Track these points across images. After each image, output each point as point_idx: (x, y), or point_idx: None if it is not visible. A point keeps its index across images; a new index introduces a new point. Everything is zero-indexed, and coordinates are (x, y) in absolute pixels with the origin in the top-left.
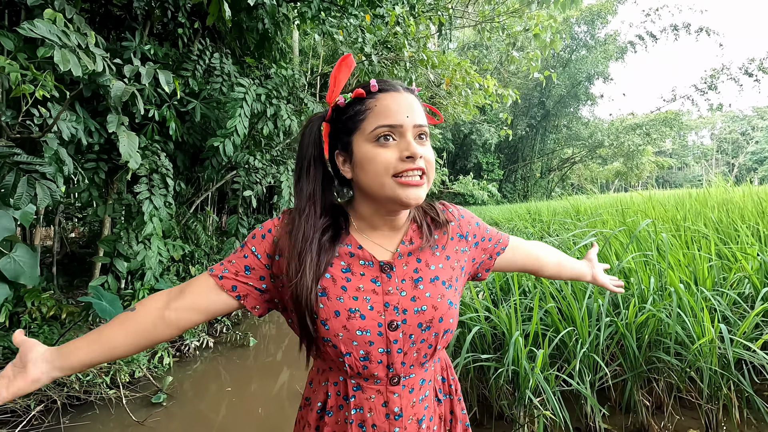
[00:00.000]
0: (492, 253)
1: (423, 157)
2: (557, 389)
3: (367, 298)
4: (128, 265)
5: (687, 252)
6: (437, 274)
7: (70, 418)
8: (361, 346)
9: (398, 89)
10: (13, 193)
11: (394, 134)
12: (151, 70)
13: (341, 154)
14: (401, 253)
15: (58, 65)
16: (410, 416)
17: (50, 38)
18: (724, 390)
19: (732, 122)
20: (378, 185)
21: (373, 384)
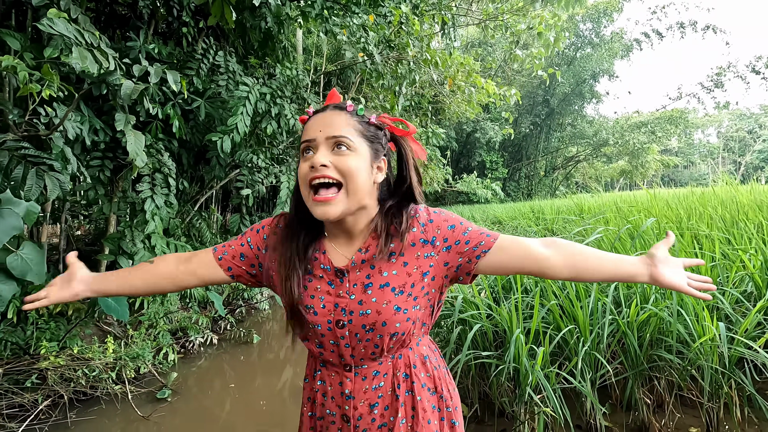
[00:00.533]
0: (470, 257)
1: (333, 165)
2: (558, 387)
3: (322, 297)
4: (132, 263)
5: (690, 251)
6: (388, 281)
7: (76, 412)
8: (315, 336)
9: (325, 111)
10: (22, 185)
11: (312, 148)
12: (160, 69)
13: None
14: (355, 261)
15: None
16: (362, 400)
17: (68, 35)
18: (725, 388)
19: (739, 120)
20: (304, 197)
21: (331, 366)
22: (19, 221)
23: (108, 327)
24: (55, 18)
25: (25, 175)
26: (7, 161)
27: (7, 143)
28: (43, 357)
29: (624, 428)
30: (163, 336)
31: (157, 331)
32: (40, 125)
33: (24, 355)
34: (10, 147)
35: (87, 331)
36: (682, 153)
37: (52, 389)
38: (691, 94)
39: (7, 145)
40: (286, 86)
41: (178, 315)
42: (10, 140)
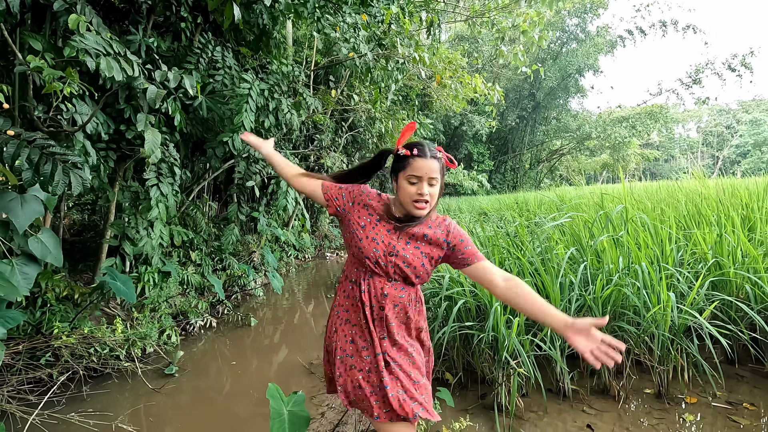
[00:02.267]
0: (460, 264)
1: (428, 194)
2: (532, 354)
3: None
4: (134, 249)
5: (652, 233)
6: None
7: (90, 387)
8: (374, 255)
9: (427, 156)
10: (51, 181)
11: (417, 181)
12: (178, 75)
13: (395, 176)
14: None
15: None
16: (391, 299)
17: (98, 49)
18: (673, 353)
19: (718, 115)
20: (404, 201)
21: (378, 276)
22: (40, 206)
23: (113, 311)
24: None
25: (53, 171)
26: (38, 158)
27: (37, 141)
28: (55, 336)
29: (588, 390)
30: (165, 318)
31: (159, 315)
32: (63, 121)
33: (37, 335)
34: (39, 144)
35: (96, 313)
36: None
37: (65, 366)
38: (671, 90)
39: (37, 143)
40: (282, 82)
41: (178, 300)
42: (39, 138)
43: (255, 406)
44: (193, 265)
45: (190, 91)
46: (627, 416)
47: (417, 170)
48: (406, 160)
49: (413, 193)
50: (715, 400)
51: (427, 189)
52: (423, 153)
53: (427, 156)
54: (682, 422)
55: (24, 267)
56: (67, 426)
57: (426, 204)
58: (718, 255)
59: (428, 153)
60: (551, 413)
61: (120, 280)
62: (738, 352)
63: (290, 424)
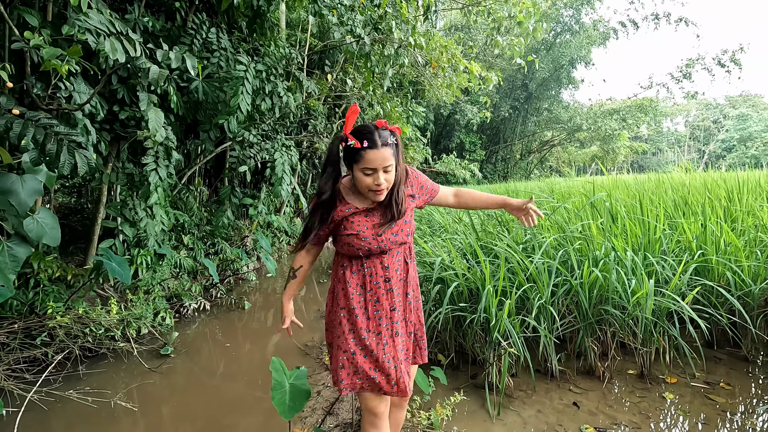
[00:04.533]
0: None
1: (385, 180)
2: (521, 335)
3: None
4: (133, 230)
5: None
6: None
7: (86, 366)
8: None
9: (378, 147)
10: (57, 161)
11: (372, 173)
12: (179, 55)
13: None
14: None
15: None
16: (393, 267)
17: (101, 29)
18: (655, 335)
19: (705, 110)
20: (362, 191)
21: (374, 255)
22: (40, 186)
23: (107, 292)
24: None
25: (59, 152)
26: (42, 138)
27: (41, 120)
28: (50, 316)
29: (575, 371)
30: (159, 301)
31: (153, 297)
32: (62, 99)
33: (31, 314)
34: (44, 124)
35: (91, 294)
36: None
37: (60, 346)
38: (661, 83)
39: (41, 122)
40: (278, 64)
41: (171, 283)
42: (44, 118)
43: (249, 387)
44: (185, 248)
45: (191, 71)
46: (611, 395)
47: (370, 162)
48: (357, 153)
49: (370, 184)
50: (694, 381)
51: (383, 178)
52: (373, 144)
53: (378, 146)
54: (662, 400)
55: (14, 249)
56: (65, 403)
57: (385, 190)
58: (701, 244)
59: (379, 142)
60: (539, 392)
61: (116, 261)
62: (717, 336)
63: (291, 396)
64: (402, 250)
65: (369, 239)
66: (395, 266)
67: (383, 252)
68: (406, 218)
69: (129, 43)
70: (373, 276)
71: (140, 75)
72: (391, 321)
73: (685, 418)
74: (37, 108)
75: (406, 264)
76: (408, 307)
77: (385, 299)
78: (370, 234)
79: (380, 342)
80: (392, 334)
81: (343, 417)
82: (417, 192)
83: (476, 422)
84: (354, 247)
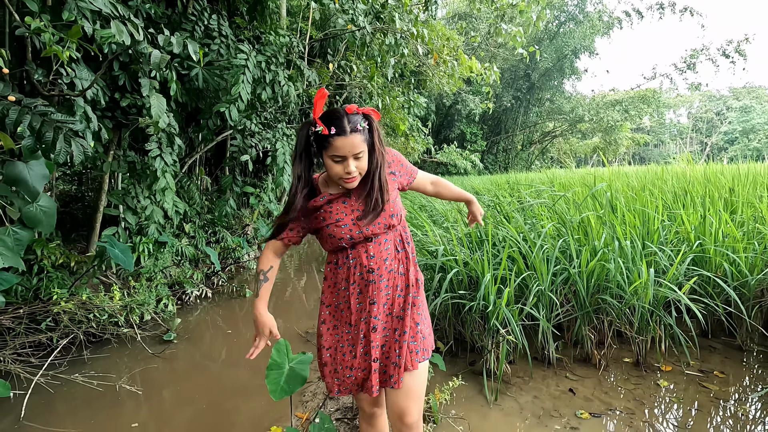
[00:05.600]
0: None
1: (356, 168)
2: (520, 323)
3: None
4: (135, 218)
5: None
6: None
7: (90, 351)
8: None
9: (346, 133)
10: (53, 149)
11: (341, 160)
12: (181, 40)
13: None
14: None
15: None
16: (378, 257)
17: (105, 10)
18: (651, 324)
19: (709, 101)
20: (334, 178)
21: (357, 244)
22: (46, 171)
23: (109, 279)
24: None
25: (55, 139)
26: (39, 125)
27: (38, 108)
28: (54, 302)
29: (572, 359)
30: (162, 288)
31: (155, 284)
32: (63, 85)
33: (35, 300)
34: (41, 112)
35: (94, 281)
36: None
37: (65, 331)
38: (665, 74)
39: (38, 109)
40: (279, 53)
41: (173, 270)
42: (41, 105)
43: (250, 373)
44: (186, 237)
45: (193, 57)
46: (606, 382)
47: (339, 150)
48: (325, 140)
49: (340, 171)
50: (688, 369)
51: (353, 165)
52: (342, 130)
53: (346, 133)
54: (656, 387)
55: (18, 233)
56: (71, 386)
57: (357, 177)
58: (700, 234)
59: (347, 128)
60: (536, 378)
61: (119, 248)
62: (713, 326)
63: (287, 378)
64: (391, 237)
65: (349, 225)
66: (382, 255)
67: (368, 239)
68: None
69: (133, 27)
70: (357, 267)
71: (141, 60)
72: (369, 315)
73: (678, 405)
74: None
75: (398, 252)
76: (396, 301)
77: (367, 291)
78: (349, 220)
79: (357, 337)
80: (369, 329)
81: (343, 401)
82: (397, 169)
83: (474, 407)
84: (335, 237)
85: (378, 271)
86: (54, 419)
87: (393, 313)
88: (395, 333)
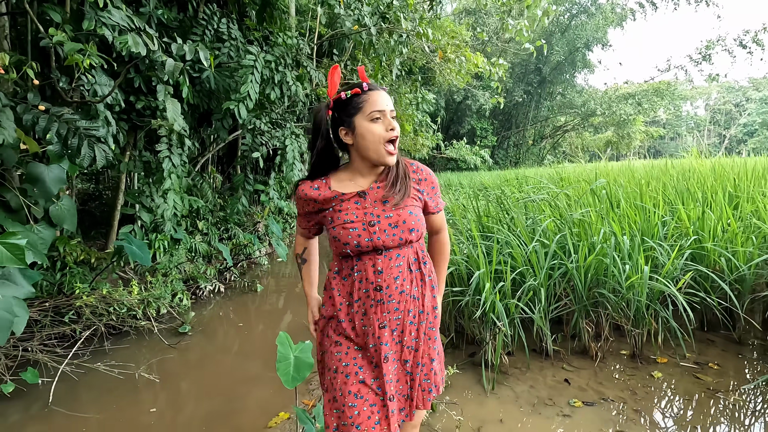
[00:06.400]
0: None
1: (396, 128)
2: (518, 317)
3: (355, 212)
4: (150, 216)
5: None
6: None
7: (111, 342)
8: (354, 237)
9: (379, 89)
10: (78, 154)
11: (381, 116)
12: (193, 48)
13: (344, 129)
14: (372, 187)
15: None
16: (389, 274)
17: (123, 24)
18: (647, 318)
19: (727, 93)
20: (373, 149)
21: (365, 255)
22: (63, 174)
23: (127, 274)
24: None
25: (80, 145)
26: (65, 132)
27: (65, 115)
28: (77, 296)
29: (569, 351)
30: (176, 283)
31: (171, 279)
32: (85, 92)
33: (59, 294)
34: (67, 119)
35: (114, 276)
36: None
37: (87, 323)
38: (679, 66)
39: (64, 117)
40: (287, 54)
41: (187, 266)
42: (67, 113)
43: (261, 364)
44: (200, 234)
45: (204, 63)
46: (602, 373)
47: (378, 104)
48: (358, 99)
49: (384, 131)
50: (684, 361)
51: (395, 122)
52: (374, 86)
53: (378, 88)
54: (650, 378)
55: (42, 232)
56: (94, 374)
57: (395, 146)
58: (699, 230)
59: (378, 86)
60: (533, 369)
61: (136, 245)
62: (712, 320)
63: (295, 367)
64: (405, 254)
65: (359, 230)
66: (393, 272)
67: (377, 251)
68: (410, 207)
69: (147, 38)
70: (362, 282)
71: (156, 68)
72: (378, 341)
73: (670, 395)
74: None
75: (410, 272)
76: (408, 329)
77: (373, 313)
78: (360, 224)
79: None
80: (381, 358)
81: None
82: (426, 189)
83: (471, 395)
84: (341, 241)
85: (387, 290)
86: (79, 405)
87: (404, 342)
88: (406, 365)
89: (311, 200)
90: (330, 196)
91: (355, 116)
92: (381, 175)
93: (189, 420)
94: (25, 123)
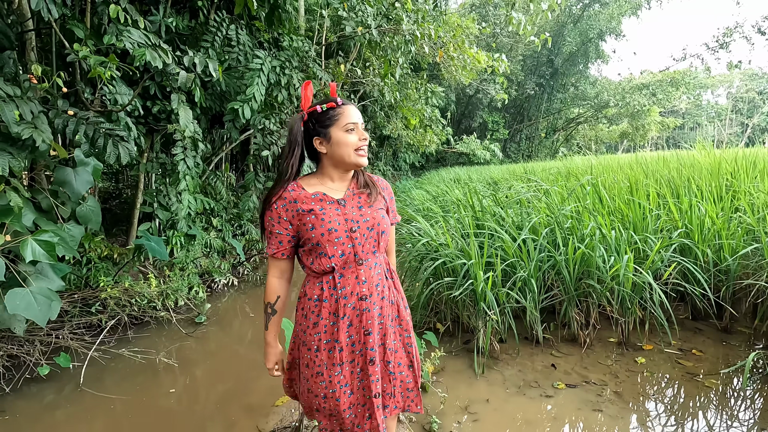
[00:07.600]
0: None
1: (366, 137)
2: (509, 305)
3: (336, 218)
4: (167, 214)
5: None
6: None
7: (134, 331)
8: (338, 246)
9: (350, 104)
10: (104, 152)
11: (355, 127)
12: (203, 60)
13: (319, 139)
14: (348, 195)
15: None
16: (370, 282)
17: (142, 42)
18: (632, 307)
19: (750, 80)
20: (346, 155)
21: (348, 267)
22: (90, 177)
23: (146, 269)
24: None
25: (105, 144)
26: (92, 133)
27: (90, 119)
28: (101, 289)
29: (559, 338)
30: (193, 277)
31: (187, 273)
32: (108, 101)
33: (85, 287)
34: (93, 122)
35: (135, 270)
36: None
37: (111, 314)
38: (695, 54)
39: (90, 120)
40: (293, 57)
41: (202, 261)
42: (92, 116)
43: None
44: (214, 230)
45: (213, 74)
46: (588, 359)
47: (352, 117)
48: (333, 112)
49: (357, 140)
50: (669, 348)
51: (366, 134)
52: (346, 101)
53: (349, 103)
54: (634, 363)
55: (71, 230)
56: (119, 359)
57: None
58: (687, 223)
59: (348, 101)
60: (523, 355)
61: (154, 241)
62: (700, 309)
63: None
64: (380, 263)
65: (342, 238)
66: (374, 280)
67: (358, 262)
68: (381, 211)
69: (163, 53)
70: (347, 298)
71: (170, 79)
72: (364, 347)
73: (650, 378)
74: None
75: (386, 279)
76: (388, 331)
77: (359, 322)
78: (343, 233)
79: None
80: (367, 361)
81: None
82: (387, 195)
83: (462, 378)
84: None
85: (371, 298)
86: (106, 386)
87: (386, 345)
88: (388, 366)
89: (291, 202)
90: (311, 193)
91: (330, 127)
92: (352, 180)
93: (204, 399)
94: (56, 127)
